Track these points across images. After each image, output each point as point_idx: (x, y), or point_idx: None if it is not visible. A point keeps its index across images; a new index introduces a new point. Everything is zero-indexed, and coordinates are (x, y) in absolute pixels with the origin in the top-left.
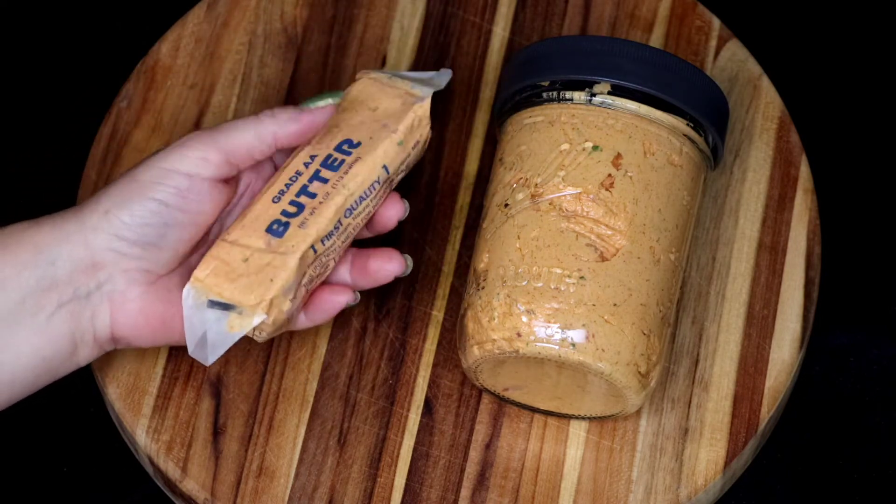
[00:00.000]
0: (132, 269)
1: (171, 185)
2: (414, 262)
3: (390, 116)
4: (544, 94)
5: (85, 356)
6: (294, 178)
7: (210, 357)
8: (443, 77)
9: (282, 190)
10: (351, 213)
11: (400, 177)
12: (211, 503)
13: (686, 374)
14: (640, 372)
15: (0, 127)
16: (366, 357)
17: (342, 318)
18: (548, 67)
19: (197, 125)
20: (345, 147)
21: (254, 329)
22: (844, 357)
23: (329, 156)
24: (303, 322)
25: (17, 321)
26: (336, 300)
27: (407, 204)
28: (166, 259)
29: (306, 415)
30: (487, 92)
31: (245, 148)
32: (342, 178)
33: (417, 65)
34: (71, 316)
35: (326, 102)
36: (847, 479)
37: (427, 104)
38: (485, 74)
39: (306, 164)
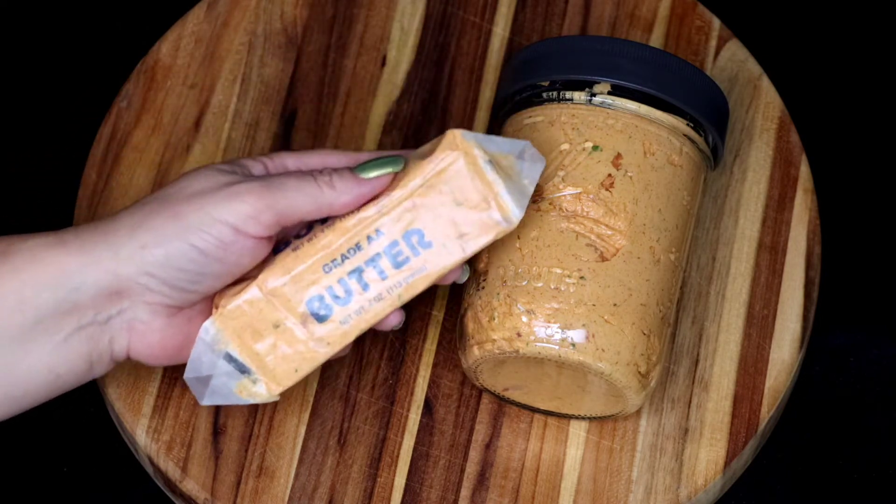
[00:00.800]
0: (157, 303)
1: (215, 235)
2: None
3: (471, 226)
4: (544, 94)
5: (100, 372)
6: (352, 252)
7: (206, 400)
8: (534, 170)
9: (336, 260)
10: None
11: None
12: (211, 503)
13: (686, 374)
14: (640, 372)
15: (0, 127)
16: (366, 357)
17: None
18: (548, 67)
19: (197, 125)
20: (414, 241)
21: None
22: (844, 357)
23: (395, 243)
24: None
25: (33, 339)
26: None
27: (403, 317)
28: (193, 300)
29: (306, 415)
30: (487, 92)
31: (300, 214)
32: (399, 285)
33: (417, 65)
34: (89, 339)
35: (386, 172)
36: (847, 479)
37: (509, 231)
38: (485, 74)
39: (370, 239)
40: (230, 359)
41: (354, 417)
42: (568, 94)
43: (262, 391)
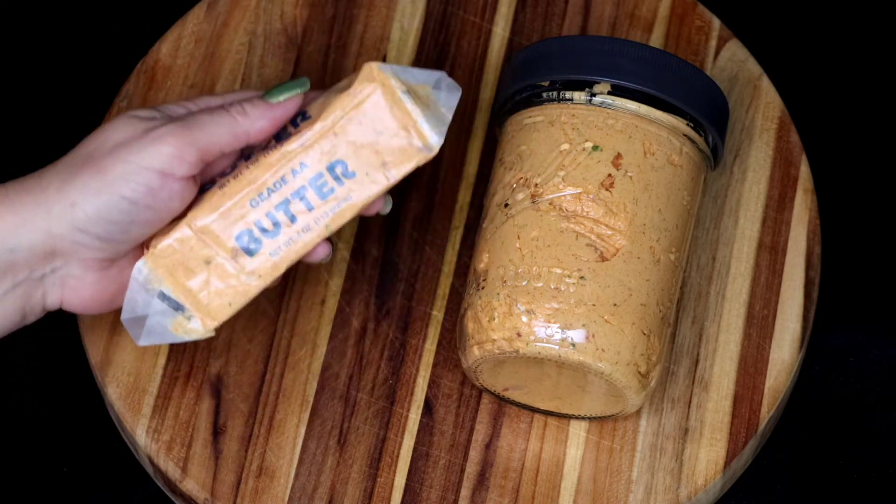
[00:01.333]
0: (88, 258)
1: (142, 182)
2: (414, 262)
3: (393, 155)
4: (544, 94)
5: (31, 321)
6: (278, 186)
7: (142, 340)
8: (451, 98)
9: (262, 194)
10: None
11: None
12: (211, 503)
13: (686, 374)
14: (640, 372)
15: (0, 127)
16: (366, 357)
17: (342, 319)
18: (548, 67)
19: None
20: (338, 171)
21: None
22: (844, 357)
23: (320, 175)
24: None
25: None
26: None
27: (331, 250)
28: (126, 250)
29: (306, 415)
30: (487, 92)
31: (219, 146)
32: (326, 215)
33: (417, 65)
34: (23, 295)
35: (295, 93)
36: (847, 479)
37: (431, 157)
38: (485, 74)
39: (294, 172)
40: (163, 297)
41: (354, 417)
42: (568, 94)
43: (197, 327)
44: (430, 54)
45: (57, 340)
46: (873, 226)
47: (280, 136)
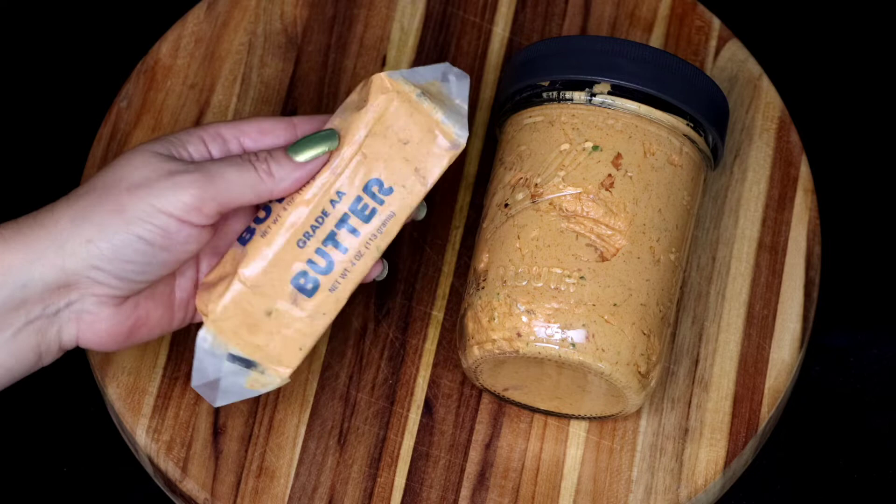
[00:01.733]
0: (104, 295)
1: (159, 226)
2: (414, 262)
3: (422, 159)
4: (544, 94)
5: (48, 361)
6: (320, 221)
7: (219, 401)
8: (462, 88)
9: (307, 233)
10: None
11: None
12: (211, 503)
13: (686, 374)
14: (640, 372)
15: (0, 127)
16: (366, 357)
17: (342, 318)
18: (548, 67)
19: (197, 125)
20: (375, 190)
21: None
22: (844, 357)
23: (359, 199)
24: None
25: None
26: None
27: (386, 265)
28: (140, 289)
29: (306, 415)
30: (487, 92)
31: (240, 202)
32: (374, 237)
33: (417, 65)
34: (37, 332)
35: (322, 152)
36: (847, 479)
37: (458, 153)
38: (485, 74)
39: (333, 203)
40: (233, 358)
41: (354, 417)
42: (568, 94)
43: (272, 379)
44: (430, 54)
45: None
46: (873, 226)
47: None
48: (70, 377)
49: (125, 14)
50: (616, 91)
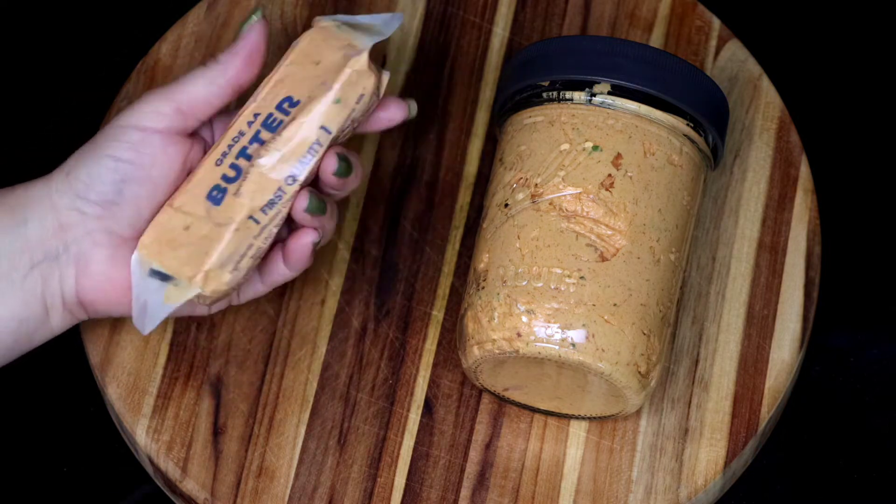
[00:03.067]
0: (95, 231)
1: (124, 140)
2: (414, 262)
3: (329, 72)
4: (544, 94)
5: (57, 322)
6: (236, 139)
7: (147, 326)
8: (391, 23)
9: (224, 151)
10: (293, 181)
11: (347, 133)
12: (211, 503)
13: (686, 374)
14: (640, 372)
15: (0, 127)
16: (366, 357)
17: (342, 319)
18: (548, 67)
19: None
20: (285, 105)
21: (197, 298)
22: (844, 357)
23: (270, 115)
24: (284, 273)
25: None
26: (303, 243)
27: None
28: (128, 217)
29: (306, 415)
30: (487, 92)
31: (200, 96)
32: (275, 139)
33: (418, 65)
34: (42, 278)
35: (252, 22)
36: (847, 479)
37: (364, 58)
38: (485, 74)
39: (249, 124)
40: (153, 273)
41: (354, 417)
42: (568, 94)
43: (184, 289)
44: (430, 54)
45: (57, 340)
46: (873, 226)
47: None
48: (70, 377)
49: (125, 14)
50: (616, 91)
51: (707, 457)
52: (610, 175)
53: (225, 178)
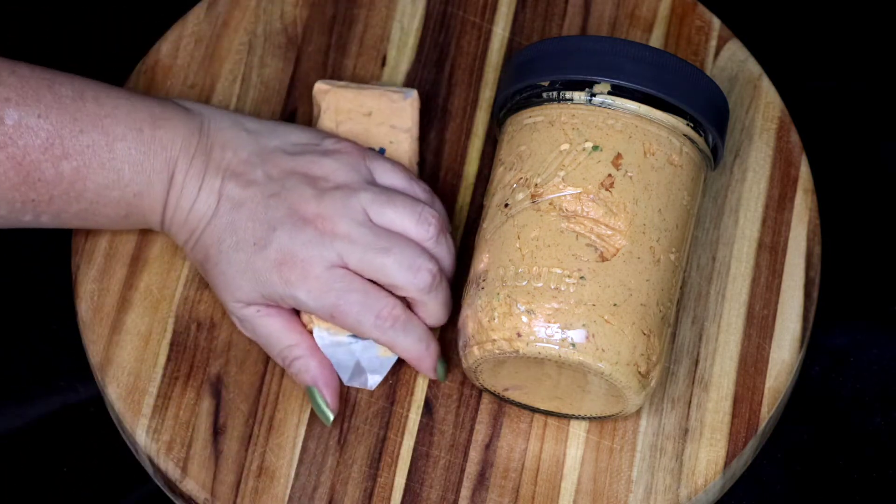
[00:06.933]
0: None
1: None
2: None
3: (391, 117)
4: (544, 94)
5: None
6: None
7: (371, 383)
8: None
9: None
10: None
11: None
12: (211, 503)
13: (686, 374)
14: (640, 372)
15: None
16: None
17: None
18: (548, 67)
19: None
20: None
21: None
22: (844, 357)
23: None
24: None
25: None
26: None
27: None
28: None
29: (306, 415)
30: (487, 92)
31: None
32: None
33: (418, 65)
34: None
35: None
36: (847, 479)
37: (416, 96)
38: (485, 74)
39: None
40: (354, 338)
41: (354, 417)
42: (568, 94)
43: None
44: (430, 54)
45: (57, 340)
46: (873, 226)
47: None
48: (70, 376)
49: (125, 14)
50: (616, 91)
51: (707, 457)
52: (610, 175)
53: None
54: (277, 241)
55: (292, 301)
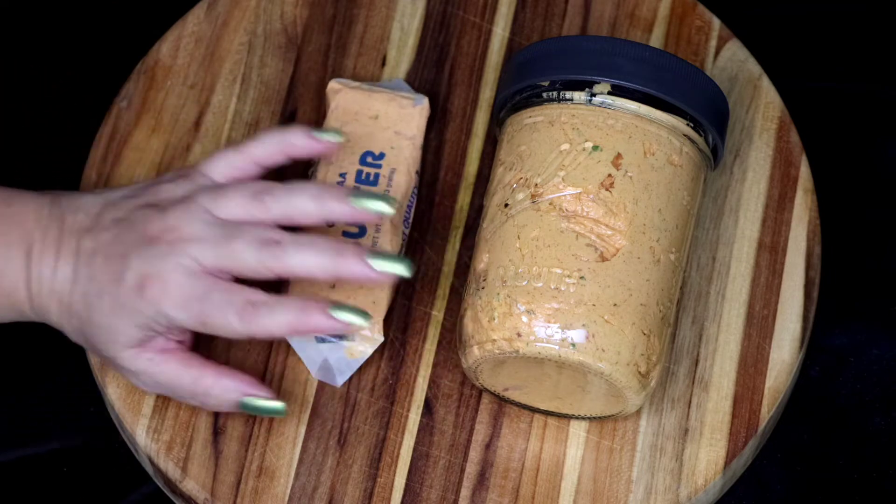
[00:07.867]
0: None
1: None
2: (414, 262)
3: (397, 123)
4: (544, 94)
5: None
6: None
7: (339, 381)
8: (404, 88)
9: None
10: (407, 224)
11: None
12: (211, 503)
13: (686, 374)
14: (640, 372)
15: (0, 127)
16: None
17: None
18: (548, 67)
19: (197, 125)
20: (369, 160)
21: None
22: (844, 357)
23: (360, 172)
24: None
25: None
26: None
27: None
28: None
29: (306, 415)
30: (487, 92)
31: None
32: (388, 191)
33: (418, 65)
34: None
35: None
36: (847, 479)
37: (427, 104)
38: (485, 74)
39: (340, 184)
40: (321, 339)
41: (354, 417)
42: (568, 94)
43: (369, 340)
44: (430, 54)
45: (57, 340)
46: (873, 226)
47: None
48: (70, 377)
49: (125, 14)
50: (616, 91)
51: (707, 457)
52: (610, 175)
53: (348, 234)
54: (132, 266)
55: (164, 320)
